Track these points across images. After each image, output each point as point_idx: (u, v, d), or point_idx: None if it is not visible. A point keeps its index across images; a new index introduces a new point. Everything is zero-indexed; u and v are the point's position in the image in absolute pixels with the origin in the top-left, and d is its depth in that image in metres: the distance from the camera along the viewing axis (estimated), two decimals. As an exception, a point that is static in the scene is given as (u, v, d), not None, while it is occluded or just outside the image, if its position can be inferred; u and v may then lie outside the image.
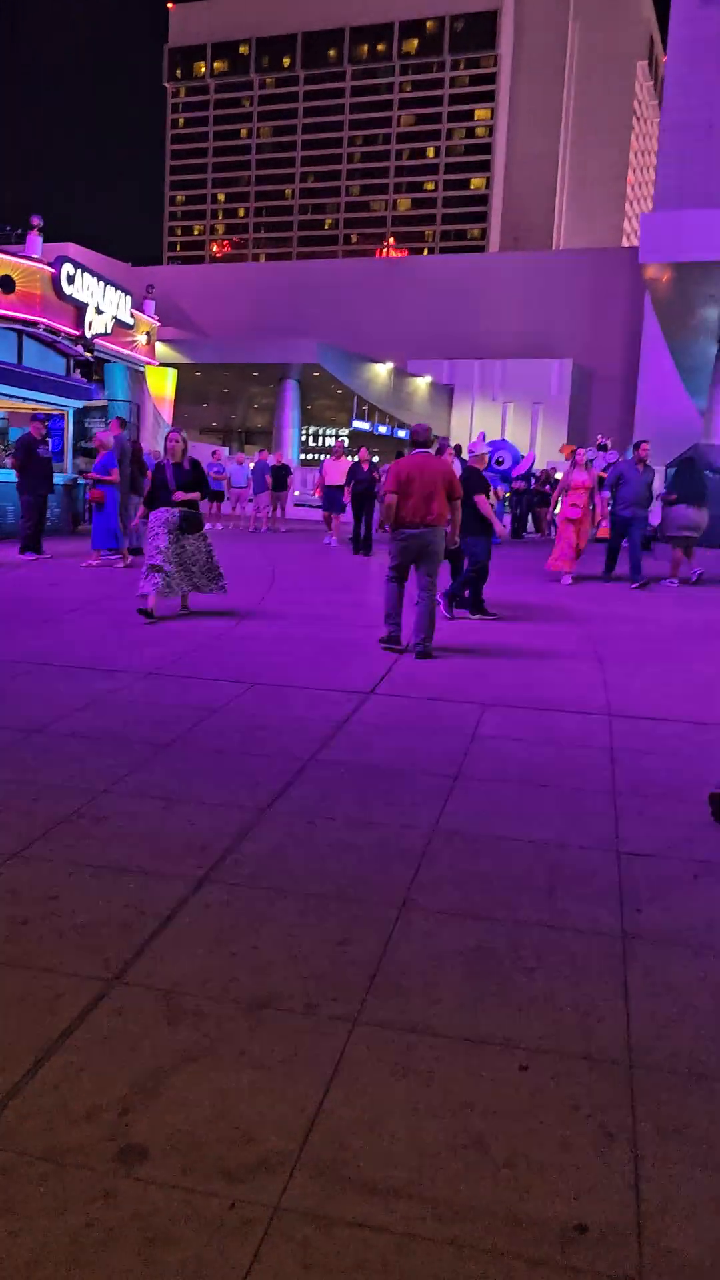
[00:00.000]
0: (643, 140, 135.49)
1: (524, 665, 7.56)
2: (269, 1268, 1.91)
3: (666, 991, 2.95)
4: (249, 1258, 1.93)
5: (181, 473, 9.05)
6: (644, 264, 26.18)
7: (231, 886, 3.54)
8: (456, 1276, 1.90)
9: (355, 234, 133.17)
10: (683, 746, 5.50)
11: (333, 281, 65.22)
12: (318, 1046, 2.62)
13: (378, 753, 5.19)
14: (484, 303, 60.82)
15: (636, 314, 53.11)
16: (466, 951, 3.14)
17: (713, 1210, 2.10)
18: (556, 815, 4.36)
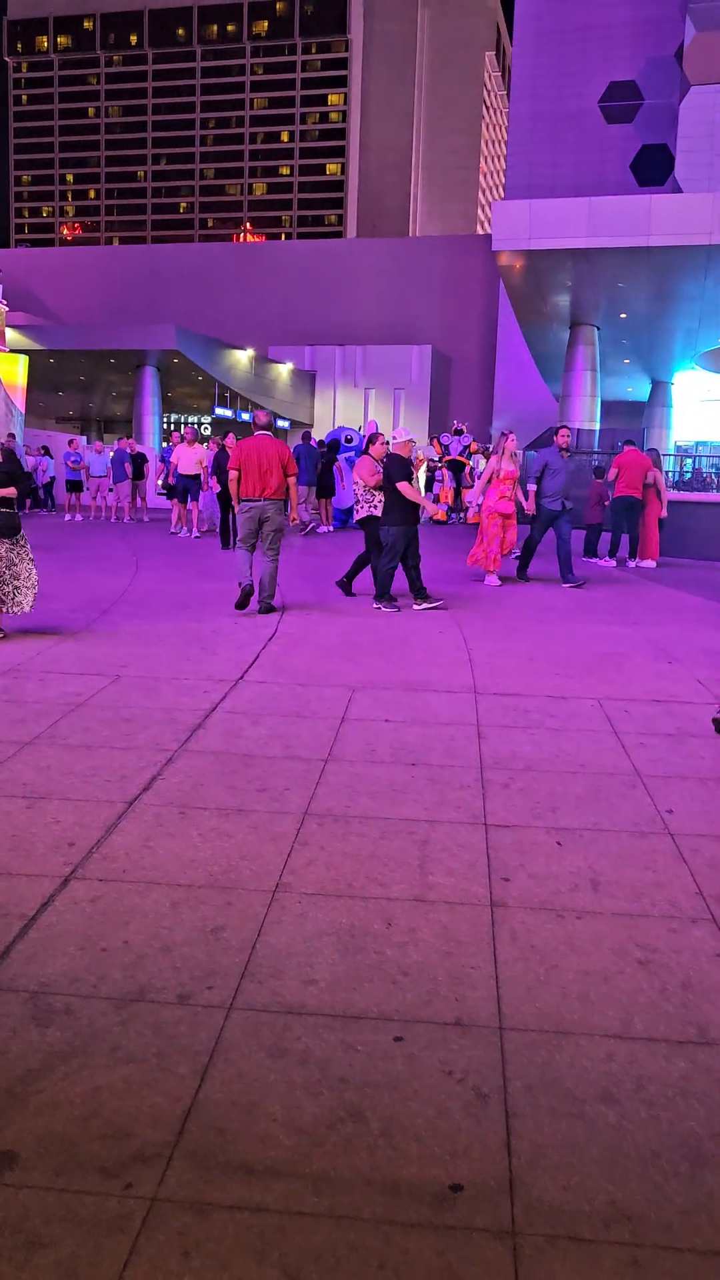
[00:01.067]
0: (493, 130, 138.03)
1: (393, 648, 7.65)
2: (147, 1259, 1.89)
3: (533, 955, 3.05)
4: (126, 1252, 1.91)
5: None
6: (497, 252, 26.73)
7: (100, 882, 3.47)
8: (336, 1247, 1.93)
9: (211, 218, 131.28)
10: (544, 720, 5.68)
11: (190, 266, 64.13)
12: (193, 1036, 2.61)
13: (248, 740, 5.17)
14: (344, 289, 60.99)
15: (492, 301, 54.21)
16: (340, 931, 3.17)
17: (581, 1159, 2.19)
18: (426, 792, 4.44)
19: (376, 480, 9.66)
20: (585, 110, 49.81)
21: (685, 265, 24.84)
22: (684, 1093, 2.42)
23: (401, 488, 9.20)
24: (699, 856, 3.80)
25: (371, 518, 9.83)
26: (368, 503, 9.85)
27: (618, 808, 4.30)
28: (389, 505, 9.34)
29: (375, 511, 9.77)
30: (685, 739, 5.34)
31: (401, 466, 9.31)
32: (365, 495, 9.87)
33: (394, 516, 9.30)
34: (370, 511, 9.83)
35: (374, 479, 9.67)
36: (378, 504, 9.74)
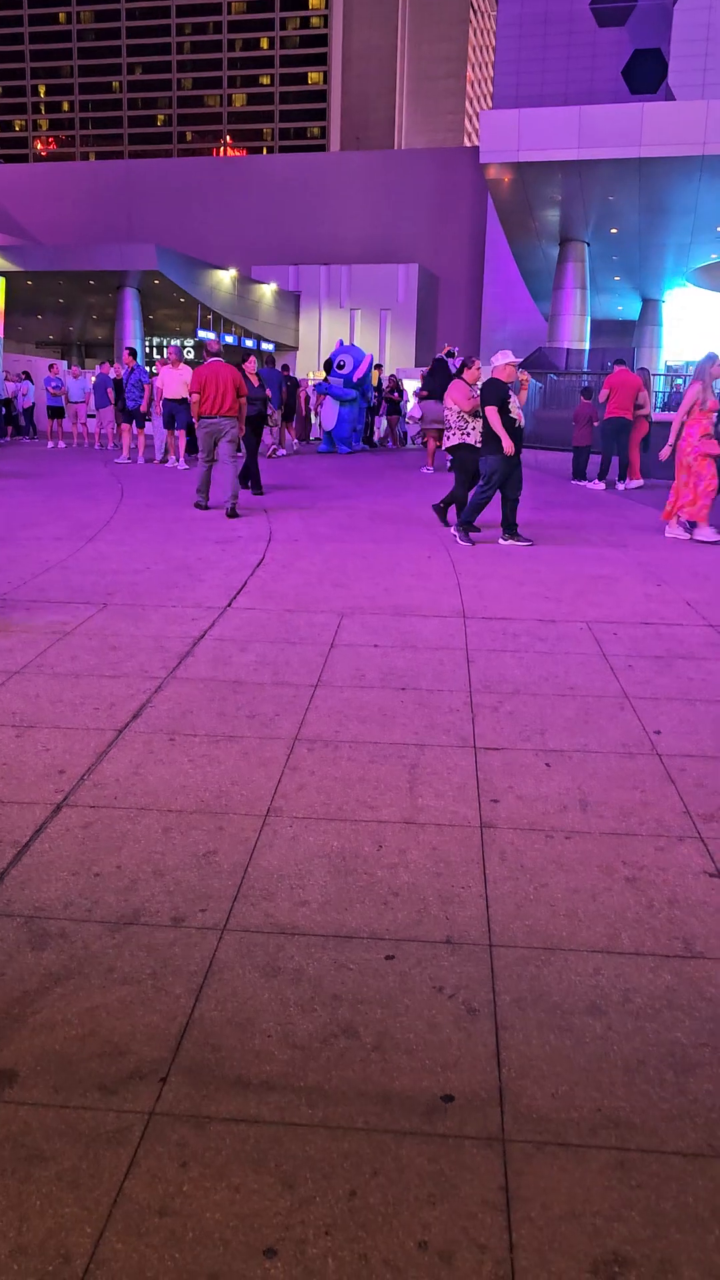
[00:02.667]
0: (480, 36, 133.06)
1: (381, 573, 7.61)
2: (146, 1170, 1.94)
3: (522, 874, 3.09)
4: (126, 1163, 1.95)
5: None
6: (485, 165, 25.97)
7: (91, 809, 3.49)
8: (329, 1154, 1.98)
9: (190, 131, 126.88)
10: (533, 644, 5.69)
11: (170, 182, 62.14)
12: (187, 957, 2.64)
13: (236, 667, 5.17)
14: (328, 205, 59.32)
15: (480, 217, 52.87)
16: (331, 854, 3.20)
17: (569, 1069, 2.24)
18: (415, 716, 4.46)
19: (472, 405, 9.13)
20: (576, 13, 47.95)
21: (677, 177, 24.22)
22: (670, 1004, 2.47)
23: (488, 413, 8.68)
24: (686, 776, 3.84)
25: (464, 445, 9.35)
26: (460, 429, 9.36)
27: (606, 729, 4.33)
28: (487, 433, 8.83)
29: (467, 439, 9.29)
30: (673, 660, 5.36)
31: (496, 391, 8.69)
32: (458, 421, 9.35)
33: (491, 445, 8.81)
34: (462, 439, 9.35)
35: (469, 404, 9.15)
36: (470, 430, 9.27)
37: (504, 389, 8.71)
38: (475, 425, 9.21)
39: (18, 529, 9.31)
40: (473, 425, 9.24)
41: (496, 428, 8.68)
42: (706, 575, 7.69)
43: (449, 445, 9.58)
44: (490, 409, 8.67)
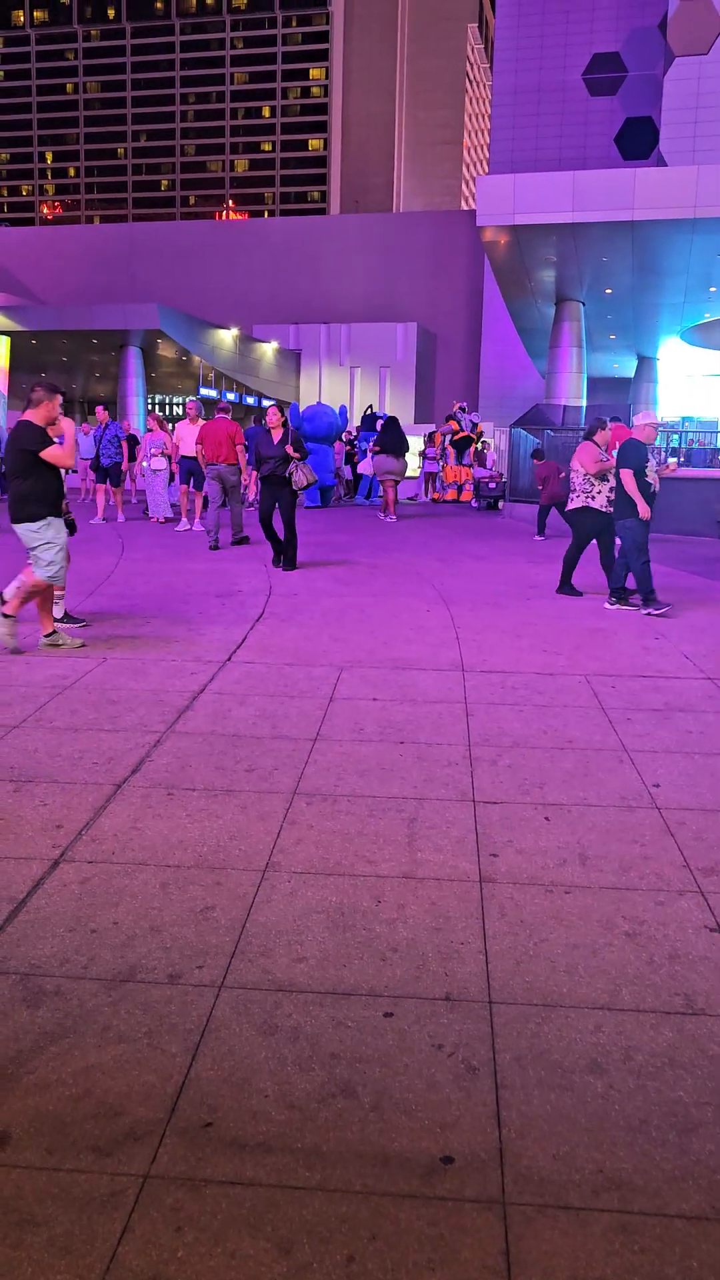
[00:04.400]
0: (476, 104, 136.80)
1: (380, 626, 7.64)
2: (140, 1235, 1.91)
3: (522, 929, 3.07)
4: (119, 1228, 1.92)
5: None
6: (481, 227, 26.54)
7: (89, 864, 3.48)
8: (327, 1218, 1.95)
9: (193, 195, 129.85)
10: (531, 696, 5.69)
11: (173, 244, 63.48)
12: (184, 1015, 2.62)
13: (235, 720, 5.17)
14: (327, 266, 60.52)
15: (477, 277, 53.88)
16: (329, 909, 3.18)
17: (570, 1129, 2.21)
18: (414, 770, 4.45)
19: (599, 468, 8.69)
20: (568, 84, 49.37)
21: (669, 239, 24.73)
22: (671, 1062, 2.44)
23: (624, 477, 8.25)
24: (685, 829, 3.83)
25: (586, 509, 8.88)
26: (585, 492, 8.87)
27: (605, 782, 4.32)
28: (620, 497, 8.36)
29: (591, 503, 8.84)
30: (672, 713, 5.37)
31: (636, 455, 8.31)
32: (583, 484, 8.88)
33: (624, 509, 8.35)
34: (585, 503, 8.88)
35: (595, 467, 8.67)
36: (596, 494, 8.82)
37: (643, 452, 8.38)
38: (601, 489, 8.83)
39: (19, 583, 9.35)
40: (599, 489, 8.84)
41: (632, 492, 8.26)
42: (704, 629, 7.72)
43: (571, 509, 9.10)
44: (626, 472, 8.27)
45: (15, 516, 6.54)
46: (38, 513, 6.49)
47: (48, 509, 6.54)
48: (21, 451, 6.40)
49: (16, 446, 6.43)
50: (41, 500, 6.49)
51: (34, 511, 6.48)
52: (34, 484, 6.45)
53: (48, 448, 6.41)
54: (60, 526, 6.67)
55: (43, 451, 6.40)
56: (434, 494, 23.27)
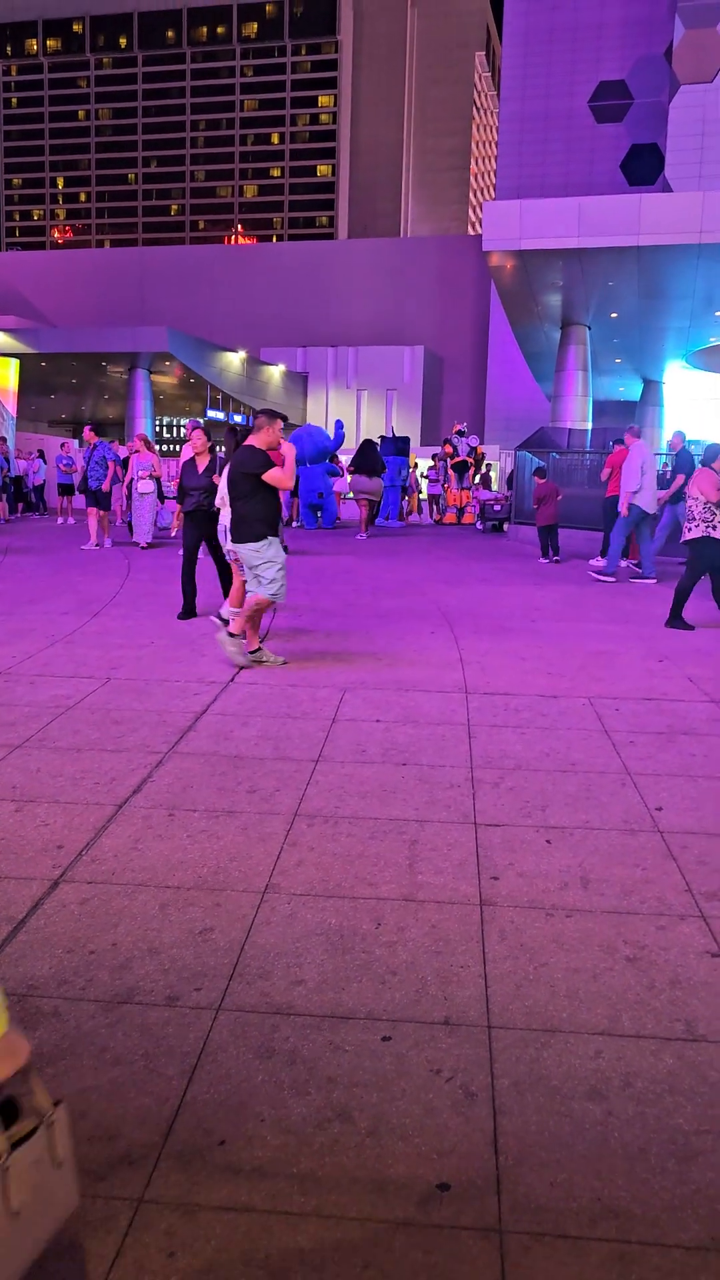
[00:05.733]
0: (483, 131, 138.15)
1: (384, 647, 7.64)
2: (133, 1261, 1.89)
3: (522, 953, 3.05)
4: (112, 1254, 1.91)
5: None
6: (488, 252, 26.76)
7: (89, 884, 3.47)
8: (322, 1246, 1.93)
9: (202, 220, 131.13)
10: (535, 719, 5.68)
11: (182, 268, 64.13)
12: (181, 1037, 2.61)
13: (238, 741, 5.17)
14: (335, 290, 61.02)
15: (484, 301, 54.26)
16: (329, 931, 3.17)
17: (568, 1156, 2.19)
18: (416, 792, 4.44)
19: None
20: (575, 110, 49.87)
21: (675, 264, 24.88)
22: (671, 1089, 2.42)
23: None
24: (688, 853, 3.81)
25: (707, 539, 8.68)
26: (705, 521, 8.65)
27: (608, 806, 4.31)
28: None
29: (712, 532, 8.64)
30: (675, 736, 5.35)
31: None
32: (703, 513, 8.67)
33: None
34: (706, 532, 8.67)
35: (717, 494, 8.49)
36: (717, 523, 8.63)
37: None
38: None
39: (25, 604, 9.40)
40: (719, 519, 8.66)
41: None
42: (708, 651, 7.71)
43: (688, 539, 8.90)
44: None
45: (239, 537, 6.82)
46: (261, 532, 6.76)
47: (269, 529, 6.82)
48: (245, 475, 6.71)
49: (241, 470, 6.74)
50: (264, 521, 6.78)
51: (258, 531, 6.75)
52: (256, 505, 6.75)
53: (269, 470, 6.68)
54: (279, 546, 6.92)
55: (264, 474, 6.68)
56: (436, 515, 23.35)
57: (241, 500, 6.74)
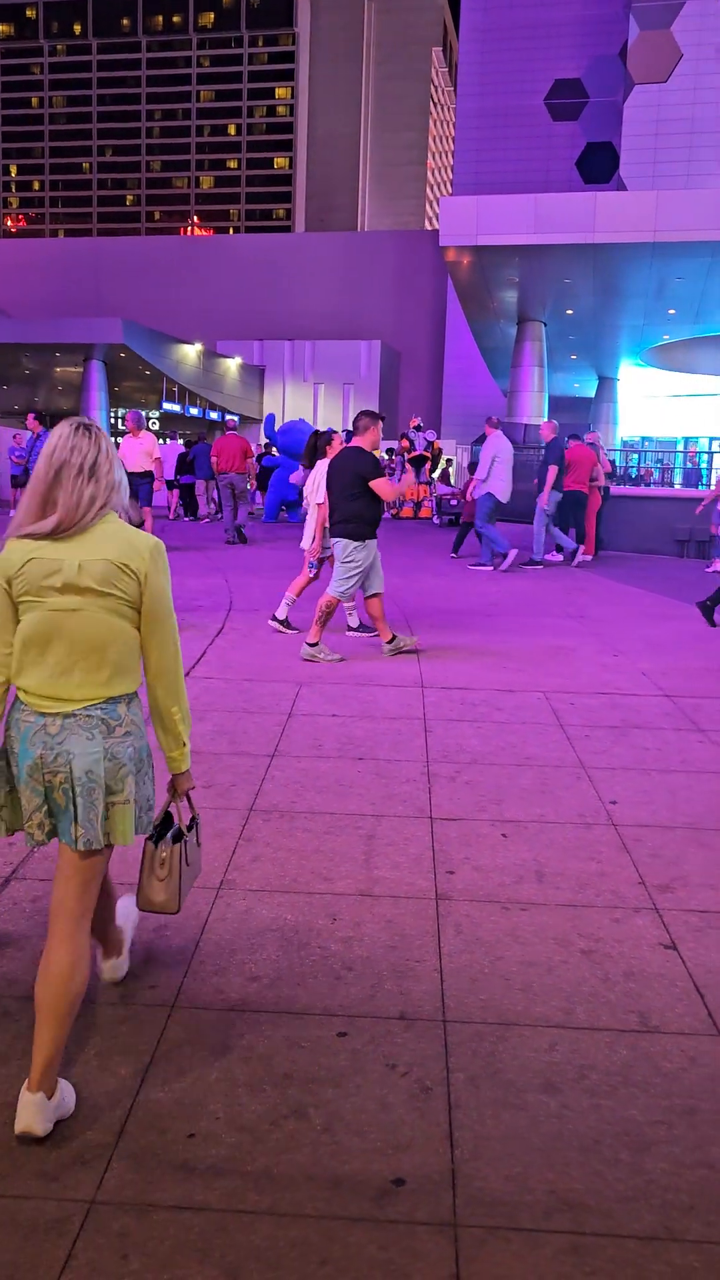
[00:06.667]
0: (440, 126, 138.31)
1: (340, 642, 7.63)
2: (84, 1263, 1.86)
3: (478, 947, 3.06)
4: (64, 1256, 1.88)
5: None
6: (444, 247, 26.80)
7: (41, 882, 3.42)
8: (276, 1243, 1.92)
9: (158, 211, 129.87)
10: (490, 713, 5.71)
11: (138, 259, 63.41)
12: (135, 1035, 2.58)
13: (194, 736, 5.09)
14: (292, 283, 60.74)
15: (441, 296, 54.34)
16: (284, 927, 3.16)
17: (522, 1149, 2.20)
18: (372, 786, 4.44)
19: None
20: (531, 108, 50.11)
21: (629, 262, 25.11)
22: (625, 1081, 2.44)
23: None
24: (642, 846, 3.85)
25: None
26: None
27: (563, 799, 4.34)
28: None
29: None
30: (629, 730, 5.40)
31: None
32: None
33: None
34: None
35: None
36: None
37: None
38: None
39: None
40: None
41: None
42: (661, 646, 7.80)
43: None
44: None
45: (342, 532, 7.04)
46: (361, 532, 6.99)
47: (370, 531, 7.06)
48: (356, 475, 6.97)
49: (352, 470, 6.98)
50: (369, 522, 7.02)
51: (360, 531, 6.99)
52: (363, 505, 6.99)
53: (378, 478, 6.97)
54: (372, 550, 7.13)
55: (371, 481, 6.95)
56: (393, 510, 23.36)
57: (350, 500, 6.98)
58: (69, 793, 2.27)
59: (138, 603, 2.31)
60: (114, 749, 2.31)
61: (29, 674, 2.28)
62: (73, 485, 2.25)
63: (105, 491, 2.29)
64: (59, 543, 2.25)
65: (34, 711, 2.28)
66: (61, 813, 2.30)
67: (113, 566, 2.26)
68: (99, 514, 2.28)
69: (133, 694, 2.38)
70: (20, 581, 2.24)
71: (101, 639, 2.28)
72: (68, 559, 2.24)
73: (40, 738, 2.26)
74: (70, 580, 2.23)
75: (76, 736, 2.26)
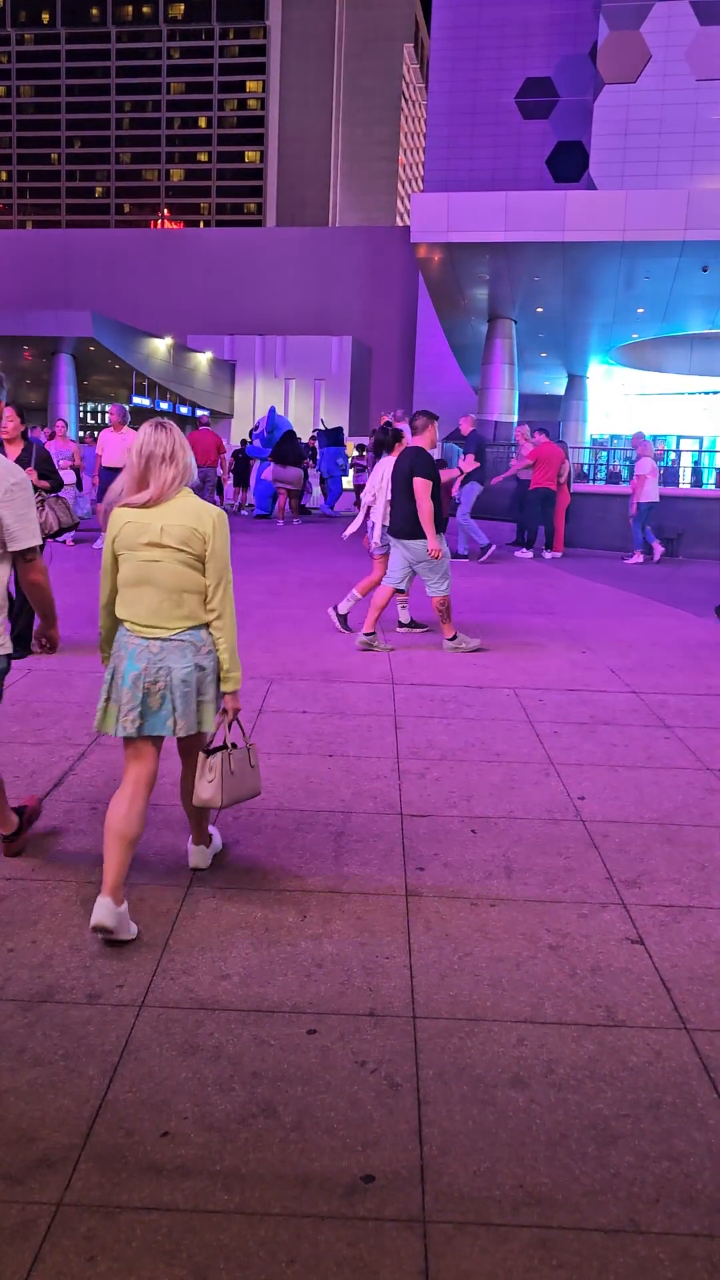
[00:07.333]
0: (412, 122, 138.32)
1: (311, 639, 7.62)
2: (51, 1267, 1.85)
3: (447, 943, 3.07)
4: (30, 1259, 1.86)
5: None
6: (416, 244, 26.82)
7: (8, 880, 3.39)
8: (245, 1243, 1.91)
9: (128, 203, 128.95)
10: (461, 710, 5.72)
11: (107, 252, 62.91)
12: (102, 1036, 2.56)
13: (163, 733, 5.09)
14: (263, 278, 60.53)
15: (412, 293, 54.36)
16: (254, 924, 3.15)
17: (491, 1145, 2.21)
18: (342, 783, 4.44)
19: None
20: (502, 106, 50.22)
21: (599, 261, 25.27)
22: (592, 1075, 2.46)
23: None
24: (609, 842, 3.87)
25: None
26: None
27: (531, 795, 4.36)
28: None
29: None
30: (597, 727, 5.44)
31: None
32: None
33: None
34: None
35: None
36: None
37: None
38: None
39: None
40: None
41: None
42: (630, 642, 7.86)
43: None
44: None
45: (409, 534, 7.09)
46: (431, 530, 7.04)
47: (439, 527, 7.14)
48: (411, 473, 7.01)
49: (409, 468, 7.04)
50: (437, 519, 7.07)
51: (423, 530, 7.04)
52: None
53: (419, 478, 6.98)
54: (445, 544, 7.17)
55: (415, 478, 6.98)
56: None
57: (409, 498, 7.02)
58: (167, 696, 3.05)
59: (204, 557, 3.06)
60: (200, 663, 3.11)
61: (131, 609, 3.09)
62: (159, 470, 3.04)
63: (182, 472, 3.07)
64: (148, 510, 3.05)
65: (138, 636, 3.08)
66: (155, 712, 3.06)
67: (187, 529, 3.04)
68: (177, 489, 3.07)
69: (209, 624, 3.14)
70: (120, 540, 3.06)
71: (179, 583, 3.06)
72: (154, 523, 3.03)
73: (144, 655, 3.05)
74: (155, 539, 3.02)
75: (174, 655, 3.07)
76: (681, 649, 7.66)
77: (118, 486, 3.10)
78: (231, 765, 3.29)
